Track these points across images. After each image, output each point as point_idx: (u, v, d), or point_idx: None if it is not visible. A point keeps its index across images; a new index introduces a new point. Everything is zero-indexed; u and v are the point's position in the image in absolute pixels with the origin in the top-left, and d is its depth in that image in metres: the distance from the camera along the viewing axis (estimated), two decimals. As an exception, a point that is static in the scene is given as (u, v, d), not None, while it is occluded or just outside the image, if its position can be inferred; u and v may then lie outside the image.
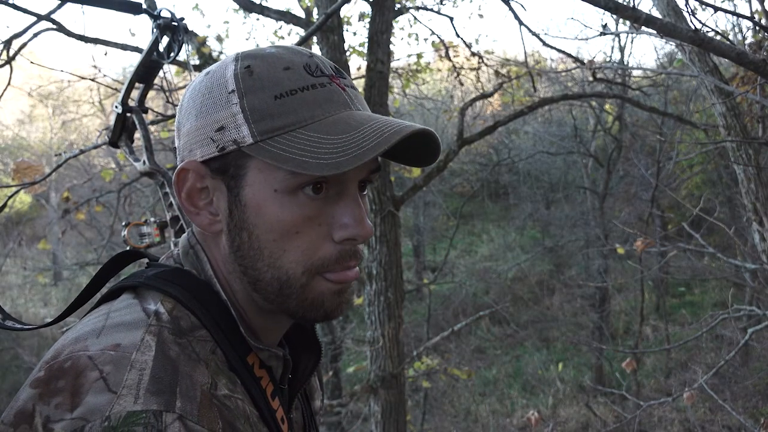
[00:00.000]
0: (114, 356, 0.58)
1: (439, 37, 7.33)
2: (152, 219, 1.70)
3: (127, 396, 0.55)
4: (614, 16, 6.80)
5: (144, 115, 1.68)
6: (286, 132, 0.64)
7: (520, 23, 5.17)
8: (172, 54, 1.56)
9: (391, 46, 4.99)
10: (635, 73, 9.97)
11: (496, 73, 6.62)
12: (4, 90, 3.23)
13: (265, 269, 0.67)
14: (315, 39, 5.08)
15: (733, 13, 3.94)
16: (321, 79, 0.67)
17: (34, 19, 3.28)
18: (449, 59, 6.73)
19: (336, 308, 0.69)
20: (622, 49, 11.55)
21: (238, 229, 0.67)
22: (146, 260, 0.77)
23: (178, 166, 0.69)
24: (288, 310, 0.68)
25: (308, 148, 0.63)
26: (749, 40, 5.04)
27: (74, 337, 0.62)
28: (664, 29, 1.82)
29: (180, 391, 0.57)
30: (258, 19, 8.65)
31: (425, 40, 12.66)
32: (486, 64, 6.70)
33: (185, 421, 0.55)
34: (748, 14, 4.87)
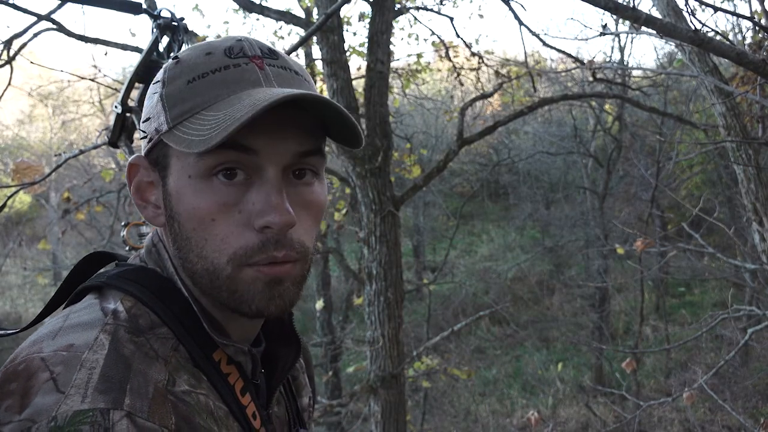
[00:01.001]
0: (66, 356, 0.58)
1: (439, 37, 7.33)
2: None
3: (74, 395, 0.54)
4: (614, 16, 6.80)
5: (144, 115, 1.67)
6: (193, 115, 0.64)
7: (520, 23, 5.17)
8: (172, 54, 1.56)
9: (391, 46, 4.99)
10: (635, 73, 9.98)
11: (496, 73, 6.62)
12: (4, 90, 3.23)
13: (195, 260, 0.65)
14: (315, 39, 5.08)
15: (733, 14, 3.94)
16: (237, 60, 0.65)
17: (34, 19, 3.27)
18: (449, 59, 6.73)
19: (268, 303, 0.65)
20: (622, 49, 11.58)
21: (171, 220, 0.67)
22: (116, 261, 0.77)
23: (128, 162, 0.70)
24: (223, 303, 0.66)
25: (199, 127, 0.62)
26: (749, 40, 5.04)
27: (32, 340, 0.62)
28: (664, 29, 1.82)
29: (130, 389, 0.56)
30: (258, 19, 8.66)
31: (425, 40, 12.74)
32: (486, 65, 6.70)
33: (134, 418, 0.54)
34: (748, 14, 4.87)
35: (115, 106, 1.67)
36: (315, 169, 0.68)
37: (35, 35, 3.58)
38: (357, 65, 7.56)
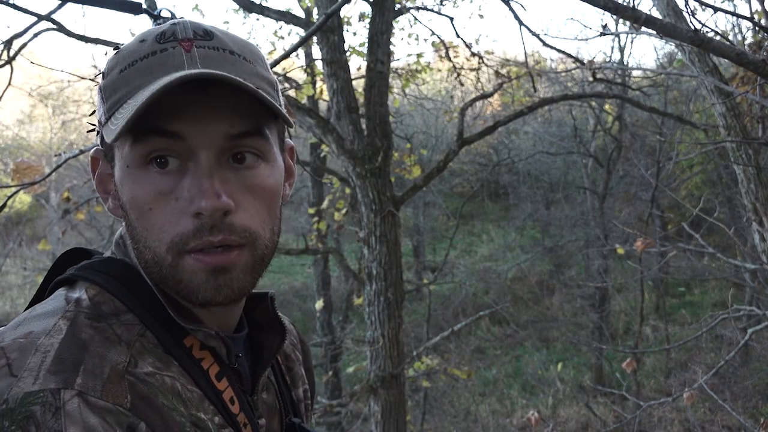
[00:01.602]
0: (23, 343, 0.59)
1: (439, 38, 7.33)
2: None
3: (26, 378, 0.55)
4: (614, 17, 6.80)
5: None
6: (121, 105, 0.64)
7: (520, 23, 5.17)
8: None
9: (391, 46, 4.99)
10: (635, 73, 9.97)
11: (496, 73, 6.62)
12: (5, 90, 3.22)
13: (143, 250, 0.65)
14: (315, 39, 5.08)
15: (733, 14, 3.94)
16: (165, 45, 0.64)
17: (35, 19, 3.27)
18: (449, 59, 6.73)
19: (215, 293, 0.64)
20: (622, 50, 11.56)
21: (123, 211, 0.67)
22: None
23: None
24: (173, 292, 0.66)
25: (120, 117, 0.62)
26: (749, 40, 5.04)
27: None
28: (664, 29, 1.82)
29: (84, 369, 0.57)
30: (258, 19, 8.66)
31: (425, 40, 12.72)
32: (486, 65, 6.70)
33: (85, 397, 0.55)
34: (748, 14, 4.87)
35: (116, 106, 1.67)
36: (256, 151, 0.66)
37: (35, 35, 3.58)
38: (357, 65, 7.56)
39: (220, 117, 0.63)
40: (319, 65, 6.00)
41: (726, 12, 2.34)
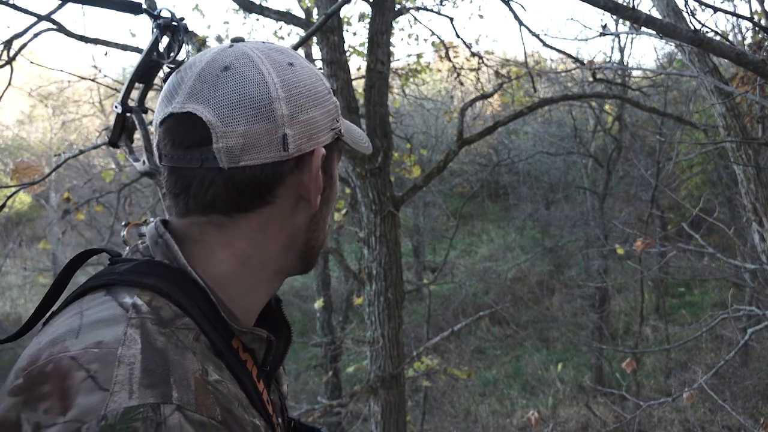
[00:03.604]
0: (98, 354, 0.56)
1: (439, 38, 7.34)
2: (152, 219, 1.69)
3: (120, 392, 0.53)
4: (614, 17, 6.80)
5: (144, 115, 1.67)
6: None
7: (520, 24, 5.17)
8: (172, 54, 1.56)
9: (391, 47, 4.99)
10: (635, 73, 9.99)
11: (496, 73, 6.63)
12: (5, 90, 3.22)
13: (320, 235, 0.80)
14: (315, 39, 5.08)
15: (733, 14, 3.94)
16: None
17: (35, 19, 3.27)
18: (449, 60, 6.74)
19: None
20: (621, 50, 11.56)
21: (324, 203, 0.79)
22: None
23: (316, 150, 0.74)
24: (309, 266, 0.80)
25: (353, 135, 0.83)
26: (749, 40, 5.04)
27: (49, 340, 0.60)
28: (663, 30, 1.83)
29: (174, 381, 0.56)
30: (258, 20, 8.66)
31: (425, 40, 12.71)
32: (486, 65, 6.70)
33: (184, 411, 0.54)
34: (748, 15, 4.87)
35: (116, 106, 1.66)
36: None
37: (35, 35, 3.58)
38: (357, 65, 7.57)
39: None
40: (319, 65, 6.00)
41: (726, 12, 2.34)
